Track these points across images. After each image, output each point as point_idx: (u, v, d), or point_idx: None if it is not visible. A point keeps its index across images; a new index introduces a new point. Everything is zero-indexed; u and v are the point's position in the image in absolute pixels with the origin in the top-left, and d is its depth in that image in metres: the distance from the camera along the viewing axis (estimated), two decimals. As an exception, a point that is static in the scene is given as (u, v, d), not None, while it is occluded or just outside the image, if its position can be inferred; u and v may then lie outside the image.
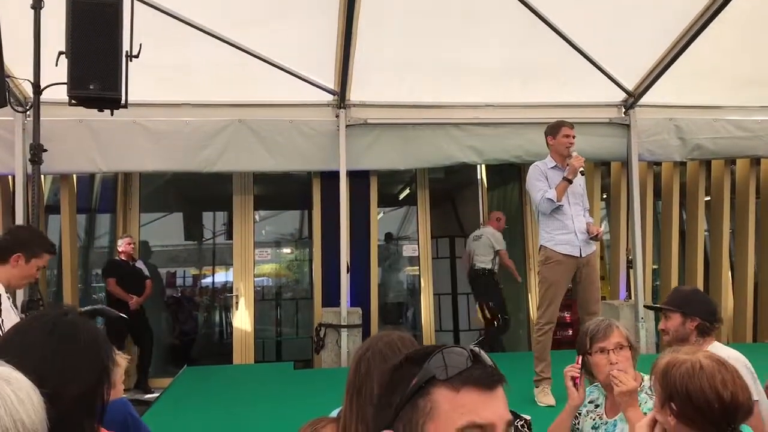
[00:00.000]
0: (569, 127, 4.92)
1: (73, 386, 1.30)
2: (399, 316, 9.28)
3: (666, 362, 1.78)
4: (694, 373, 1.70)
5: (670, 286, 7.71)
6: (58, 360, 1.33)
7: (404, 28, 5.98)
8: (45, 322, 1.45)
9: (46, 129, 5.31)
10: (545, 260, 4.89)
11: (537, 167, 4.98)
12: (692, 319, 2.82)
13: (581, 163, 4.76)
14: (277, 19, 5.76)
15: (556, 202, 4.77)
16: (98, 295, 8.26)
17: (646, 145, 7.25)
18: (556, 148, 4.94)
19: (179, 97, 6.62)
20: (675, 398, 1.70)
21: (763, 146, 7.41)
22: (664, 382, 1.75)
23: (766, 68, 6.65)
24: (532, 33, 5.91)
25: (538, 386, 4.81)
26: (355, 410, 1.55)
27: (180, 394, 5.80)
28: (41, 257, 3.14)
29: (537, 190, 4.88)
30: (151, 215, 8.55)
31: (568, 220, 4.84)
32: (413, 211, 8.22)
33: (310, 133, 6.86)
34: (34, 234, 3.38)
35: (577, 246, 4.82)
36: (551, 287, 4.84)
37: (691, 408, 1.67)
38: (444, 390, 0.96)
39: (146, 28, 4.70)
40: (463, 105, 7.01)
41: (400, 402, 0.98)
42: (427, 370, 0.98)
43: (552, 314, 4.84)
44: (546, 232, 4.91)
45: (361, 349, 1.68)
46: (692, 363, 1.73)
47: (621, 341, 2.47)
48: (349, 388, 1.59)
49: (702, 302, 2.96)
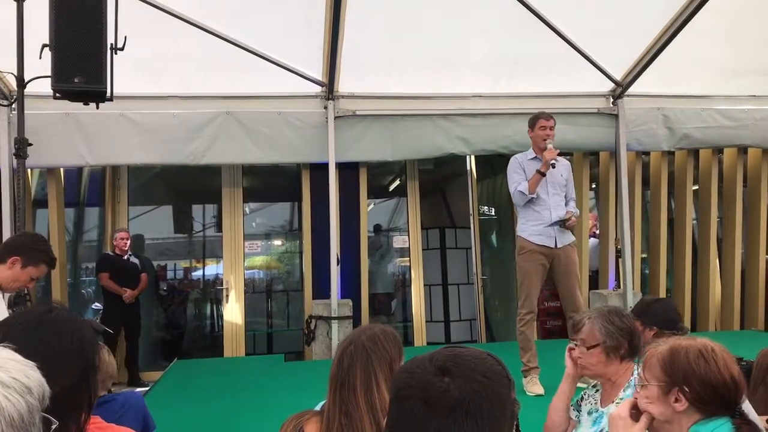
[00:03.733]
0: (545, 119, 4.95)
1: (54, 383, 1.29)
2: (389, 308, 9.29)
3: (669, 350, 1.77)
4: (708, 354, 1.71)
5: (658, 275, 7.78)
6: (39, 357, 1.32)
7: (392, 18, 5.97)
8: (29, 319, 1.45)
9: (32, 122, 5.28)
10: (520, 250, 4.97)
11: (516, 159, 5.05)
12: (650, 328, 2.86)
13: (553, 155, 4.79)
14: (265, 10, 5.73)
15: (528, 194, 4.82)
16: (87, 290, 8.21)
17: (634, 134, 7.28)
18: (534, 140, 5.00)
19: (166, 90, 6.58)
20: (692, 381, 1.70)
21: (750, 135, 7.46)
22: (672, 368, 1.73)
23: (753, 58, 6.69)
24: (520, 23, 5.90)
25: (526, 376, 4.84)
26: (338, 403, 1.56)
27: (170, 387, 5.80)
28: (39, 267, 3.13)
29: (512, 183, 4.96)
30: (140, 208, 8.50)
31: (545, 210, 4.88)
32: (403, 203, 8.22)
33: (299, 125, 6.84)
34: (39, 243, 3.32)
35: (552, 237, 4.86)
36: (527, 278, 4.89)
37: (710, 390, 1.68)
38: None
39: (131, 20, 4.66)
40: (452, 96, 7.01)
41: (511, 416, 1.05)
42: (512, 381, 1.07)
43: (531, 304, 4.87)
44: (522, 222, 4.99)
45: (344, 344, 1.69)
46: (703, 345, 1.74)
47: (586, 339, 2.49)
48: (332, 381, 1.61)
49: (660, 311, 2.99)
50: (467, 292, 8.61)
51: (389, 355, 1.71)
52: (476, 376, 1.00)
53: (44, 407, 0.98)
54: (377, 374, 1.65)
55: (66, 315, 1.48)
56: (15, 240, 3.33)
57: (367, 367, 1.66)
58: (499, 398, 1.00)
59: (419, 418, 0.98)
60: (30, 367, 0.98)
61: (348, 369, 1.59)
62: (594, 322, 2.49)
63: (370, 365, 1.66)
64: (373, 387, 1.63)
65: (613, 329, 2.46)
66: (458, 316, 8.77)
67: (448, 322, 8.89)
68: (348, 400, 1.56)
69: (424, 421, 0.98)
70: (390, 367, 1.67)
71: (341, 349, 1.68)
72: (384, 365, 1.68)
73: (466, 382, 0.99)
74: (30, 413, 0.92)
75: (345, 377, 1.59)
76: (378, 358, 1.68)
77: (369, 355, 1.67)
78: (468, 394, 0.98)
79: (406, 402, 1.00)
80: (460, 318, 8.75)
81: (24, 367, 0.96)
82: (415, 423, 0.98)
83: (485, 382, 1.00)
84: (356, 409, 1.57)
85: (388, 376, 1.62)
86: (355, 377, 1.62)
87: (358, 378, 1.63)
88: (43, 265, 3.14)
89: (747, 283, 7.95)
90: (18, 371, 0.94)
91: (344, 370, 1.60)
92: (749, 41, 6.45)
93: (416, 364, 1.05)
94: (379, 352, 1.69)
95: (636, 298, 7.04)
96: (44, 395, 0.98)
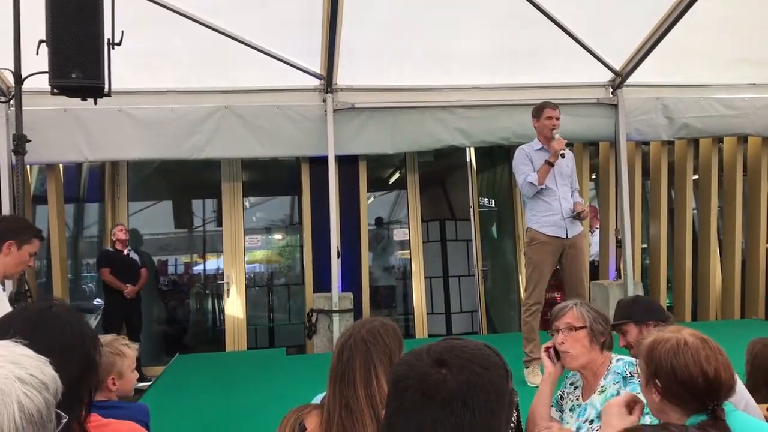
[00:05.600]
0: (552, 108, 4.92)
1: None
2: (390, 300, 9.31)
3: (652, 341, 1.80)
4: (678, 349, 1.72)
5: (659, 265, 7.78)
6: (41, 352, 1.33)
7: (390, 10, 5.94)
8: (30, 314, 1.45)
9: (31, 118, 5.27)
10: (530, 241, 4.95)
11: (522, 150, 5.01)
12: (646, 324, 2.84)
13: (562, 145, 4.77)
14: (263, 3, 5.71)
15: (538, 185, 4.80)
16: (88, 285, 8.22)
17: (634, 124, 7.26)
18: (541, 130, 4.96)
19: (165, 85, 6.56)
20: (660, 375, 1.72)
21: (750, 124, 7.44)
22: (649, 359, 1.77)
23: (752, 46, 6.66)
24: (519, 14, 5.88)
25: (528, 367, 4.85)
26: (338, 397, 1.57)
27: (172, 381, 5.82)
28: (32, 243, 3.14)
29: (520, 174, 4.92)
30: (140, 204, 8.50)
31: (555, 201, 4.86)
32: (403, 195, 8.21)
33: (298, 119, 6.83)
34: (21, 221, 3.37)
35: (563, 227, 4.86)
36: (536, 268, 4.88)
37: (675, 384, 1.69)
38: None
39: (128, 15, 4.64)
40: (451, 87, 6.99)
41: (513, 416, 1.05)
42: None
43: (539, 295, 4.88)
44: (532, 213, 4.95)
45: (344, 337, 1.70)
46: (677, 340, 1.75)
47: (571, 322, 2.50)
48: (332, 374, 1.61)
49: (646, 305, 3.01)
50: (468, 283, 8.62)
51: (389, 348, 1.71)
52: (473, 367, 1.00)
53: (57, 402, 0.98)
54: (377, 368, 1.65)
55: (66, 311, 1.49)
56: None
57: (366, 361, 1.66)
58: (496, 389, 1.00)
59: (417, 409, 0.98)
60: (44, 362, 0.98)
61: (347, 362, 1.60)
62: (578, 307, 2.54)
63: (369, 358, 1.66)
64: (373, 380, 1.63)
65: (596, 315, 2.53)
66: (459, 308, 8.78)
67: (449, 314, 8.90)
68: (348, 393, 1.56)
69: (421, 412, 0.98)
70: (390, 361, 1.67)
71: (341, 342, 1.69)
72: (384, 359, 1.68)
73: (463, 373, 0.99)
74: (47, 409, 0.93)
75: (344, 370, 1.59)
76: (377, 352, 1.68)
77: (368, 348, 1.67)
78: (465, 384, 0.98)
79: (403, 393, 1.00)
80: (461, 310, 8.77)
81: (39, 363, 0.97)
82: (412, 414, 0.98)
83: (482, 373, 1.00)
84: (356, 403, 1.57)
85: (388, 370, 1.63)
86: (354, 370, 1.62)
87: (358, 371, 1.64)
88: (35, 240, 3.15)
89: (747, 272, 7.95)
90: (34, 367, 0.94)
91: (344, 363, 1.61)
92: (749, 29, 6.41)
93: (414, 356, 1.05)
94: (379, 345, 1.69)
95: (637, 288, 7.05)
96: (57, 391, 0.98)
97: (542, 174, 4.80)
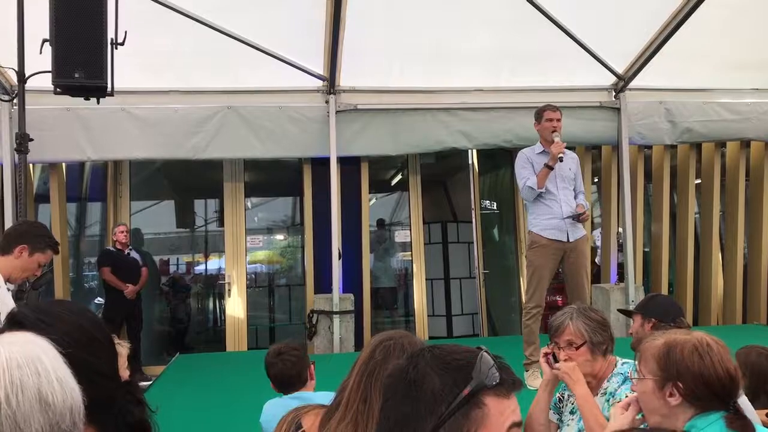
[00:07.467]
0: (552, 111, 4.91)
1: None
2: (391, 302, 9.30)
3: (665, 343, 1.76)
4: (703, 350, 1.70)
5: (661, 269, 7.76)
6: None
7: (393, 12, 5.95)
8: (37, 310, 1.45)
9: (34, 117, 5.28)
10: (531, 244, 4.95)
11: (523, 154, 5.01)
12: (648, 320, 2.87)
13: (561, 149, 4.75)
14: (266, 4, 5.72)
15: (537, 189, 4.80)
16: (90, 284, 8.23)
17: (636, 128, 7.26)
18: (542, 132, 4.95)
19: (168, 84, 6.58)
20: (684, 377, 1.69)
21: (752, 129, 7.43)
22: (665, 363, 1.73)
23: (755, 51, 6.65)
24: (522, 17, 5.88)
25: (528, 370, 4.85)
26: (361, 389, 1.60)
27: (173, 381, 5.82)
28: (46, 253, 3.14)
29: (521, 178, 4.92)
30: (142, 203, 8.51)
31: (556, 204, 4.85)
32: (405, 197, 8.21)
33: (300, 120, 6.84)
34: (42, 229, 3.36)
35: (564, 231, 4.84)
36: (537, 272, 4.87)
37: (702, 385, 1.68)
38: (493, 396, 1.00)
39: (131, 15, 4.65)
40: (453, 90, 7.00)
41: (448, 412, 0.98)
42: (479, 380, 1.00)
43: (539, 298, 4.87)
44: (533, 216, 4.95)
45: (383, 336, 1.71)
46: (698, 341, 1.73)
47: (571, 339, 2.47)
48: (361, 367, 1.65)
49: (661, 304, 3.01)
50: (469, 286, 8.61)
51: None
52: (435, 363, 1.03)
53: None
54: None
55: (71, 306, 1.49)
56: (17, 229, 3.32)
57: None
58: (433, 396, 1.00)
59: (397, 400, 1.03)
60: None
61: (381, 361, 1.62)
62: (575, 322, 2.49)
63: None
64: None
65: (593, 325, 2.48)
66: (460, 311, 8.77)
67: (450, 317, 8.89)
68: (371, 388, 1.59)
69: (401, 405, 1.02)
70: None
71: (379, 340, 1.69)
72: None
73: (428, 367, 1.02)
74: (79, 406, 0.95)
75: (375, 368, 1.61)
76: None
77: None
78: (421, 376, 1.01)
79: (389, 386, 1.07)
80: (462, 312, 8.76)
81: (63, 358, 0.99)
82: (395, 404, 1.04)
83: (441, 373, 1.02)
84: (375, 400, 1.60)
85: None
86: (384, 371, 1.64)
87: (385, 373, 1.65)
88: (49, 251, 3.15)
89: (749, 276, 7.93)
90: (63, 370, 0.96)
91: (376, 360, 1.63)
92: (751, 34, 6.41)
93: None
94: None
95: (638, 292, 7.04)
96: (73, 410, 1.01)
97: (541, 178, 4.79)
